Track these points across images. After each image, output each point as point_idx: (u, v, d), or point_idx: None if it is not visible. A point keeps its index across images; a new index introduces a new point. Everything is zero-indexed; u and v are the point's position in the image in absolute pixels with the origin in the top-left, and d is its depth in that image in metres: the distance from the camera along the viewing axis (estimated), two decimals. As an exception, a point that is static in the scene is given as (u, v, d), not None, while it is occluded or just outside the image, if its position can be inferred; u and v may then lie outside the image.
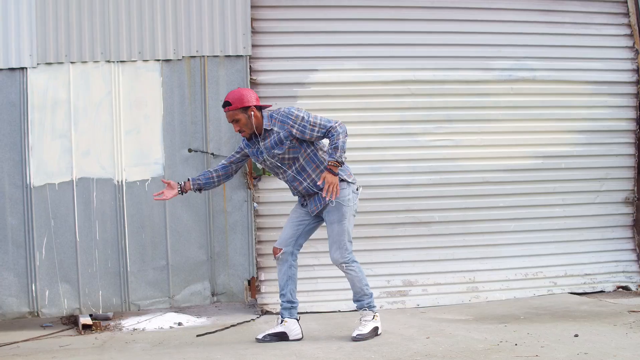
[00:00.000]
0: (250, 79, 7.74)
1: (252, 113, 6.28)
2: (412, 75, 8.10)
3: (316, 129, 6.23)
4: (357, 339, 6.36)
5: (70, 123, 7.46)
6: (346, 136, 6.22)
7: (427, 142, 8.15)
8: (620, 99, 8.54)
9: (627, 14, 8.51)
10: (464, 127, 8.21)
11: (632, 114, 8.58)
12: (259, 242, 7.86)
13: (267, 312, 7.77)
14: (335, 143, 6.17)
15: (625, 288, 8.48)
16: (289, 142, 6.27)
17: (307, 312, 7.76)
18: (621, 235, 8.62)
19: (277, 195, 7.89)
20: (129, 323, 7.56)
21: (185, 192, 6.61)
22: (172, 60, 7.61)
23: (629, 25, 8.52)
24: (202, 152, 7.62)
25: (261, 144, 6.37)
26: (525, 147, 8.33)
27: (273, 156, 6.37)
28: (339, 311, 7.82)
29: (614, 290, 8.44)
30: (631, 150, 8.59)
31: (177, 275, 7.62)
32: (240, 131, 6.34)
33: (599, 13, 8.46)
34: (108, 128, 7.51)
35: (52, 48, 7.42)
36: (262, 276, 7.87)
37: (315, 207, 6.49)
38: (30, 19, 7.38)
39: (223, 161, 6.68)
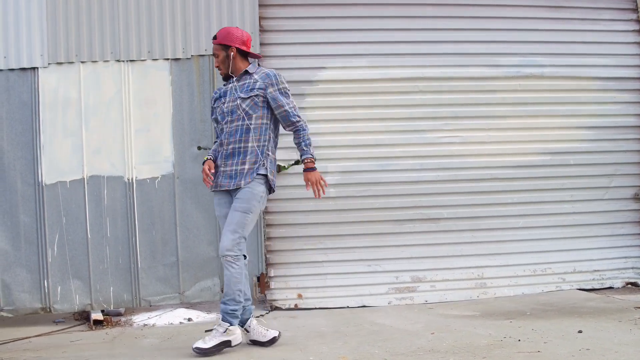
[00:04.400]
0: (259, 77, 7.81)
1: (232, 54, 6.22)
2: (419, 72, 8.13)
3: (290, 105, 6.17)
4: (196, 351, 5.96)
5: (81, 122, 7.56)
6: None
7: (435, 139, 8.18)
8: (628, 94, 8.53)
9: (635, 10, 8.49)
10: (472, 124, 8.23)
11: (640, 109, 8.60)
12: (268, 238, 7.93)
13: (277, 308, 7.85)
14: (309, 139, 6.18)
15: (634, 284, 8.48)
16: (256, 95, 6.14)
17: (315, 308, 7.85)
18: (630, 232, 8.59)
19: (286, 192, 7.95)
20: (139, 319, 7.66)
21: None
22: (181, 59, 7.69)
23: (637, 20, 8.51)
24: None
25: (235, 84, 6.24)
26: (534, 143, 8.34)
27: (234, 99, 6.19)
28: (347, 307, 7.88)
29: (623, 287, 8.46)
30: (640, 146, 8.60)
31: (187, 272, 7.70)
32: (218, 68, 6.30)
33: (607, 9, 8.45)
34: (118, 126, 7.60)
35: (63, 48, 7.52)
36: (272, 272, 7.93)
37: (227, 183, 6.18)
38: (41, 20, 7.49)
39: (215, 140, 6.49)
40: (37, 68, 7.51)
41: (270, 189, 6.25)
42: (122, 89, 7.61)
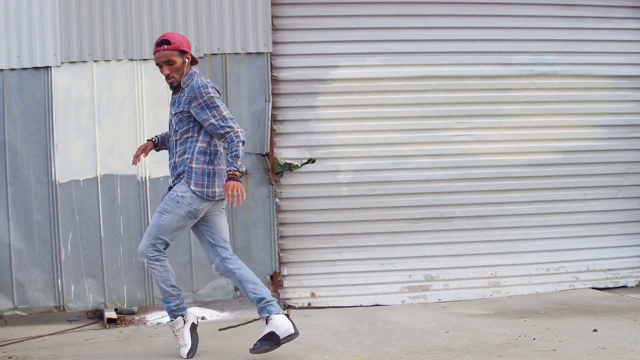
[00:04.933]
0: (272, 75, 7.81)
1: (187, 61, 5.82)
2: (432, 70, 8.13)
3: (216, 118, 5.71)
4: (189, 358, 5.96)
5: (94, 121, 7.57)
6: (244, 144, 5.75)
7: (448, 137, 8.17)
8: (641, 92, 8.52)
9: (648, 7, 8.49)
10: (485, 123, 8.22)
11: (653, 108, 8.55)
12: (281, 237, 7.93)
13: (290, 307, 7.86)
14: (236, 151, 5.65)
15: (648, 283, 8.49)
16: (181, 111, 5.81)
17: (329, 307, 7.87)
18: (644, 230, 8.59)
19: (299, 191, 7.97)
20: (153, 317, 7.68)
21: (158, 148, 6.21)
22: (193, 58, 7.70)
23: (650, 18, 8.51)
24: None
25: (175, 97, 5.94)
26: (546, 142, 8.32)
27: (171, 114, 5.98)
28: (361, 306, 7.89)
29: (637, 285, 8.44)
30: (654, 144, 8.57)
31: (201, 271, 7.70)
32: (168, 77, 5.81)
33: (620, 7, 8.41)
34: (131, 125, 7.61)
35: (76, 47, 7.54)
36: (285, 271, 7.94)
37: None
38: (54, 19, 7.50)
39: None
40: (50, 67, 7.53)
41: (202, 197, 5.81)
42: (135, 88, 7.62)
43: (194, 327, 6.05)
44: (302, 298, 7.92)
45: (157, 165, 7.60)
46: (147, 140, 6.28)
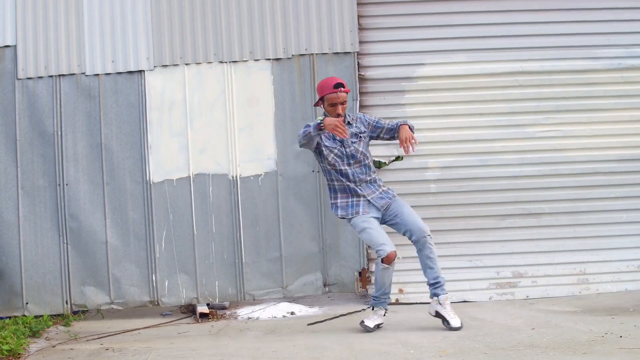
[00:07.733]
0: (359, 74, 7.90)
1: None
2: (519, 66, 8.09)
3: (385, 121, 6.84)
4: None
5: (186, 122, 7.80)
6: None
7: (536, 133, 8.12)
8: None
9: None
10: (573, 118, 8.13)
11: None
12: (369, 234, 8.00)
13: (378, 303, 7.93)
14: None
15: None
16: (364, 135, 6.76)
17: (416, 303, 7.90)
18: None
19: (387, 188, 8.04)
20: (244, 312, 7.87)
21: None
22: (282, 59, 7.84)
23: None
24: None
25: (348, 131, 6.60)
26: (637, 136, 8.16)
27: (350, 144, 6.67)
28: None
29: None
30: None
31: (290, 267, 7.85)
32: (339, 115, 6.59)
33: None
34: (222, 126, 7.81)
35: (168, 51, 7.79)
36: (373, 267, 8.00)
37: (386, 201, 6.79)
38: (147, 25, 7.77)
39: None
40: (144, 71, 7.80)
41: None
42: (226, 90, 7.82)
43: None
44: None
45: (248, 164, 7.79)
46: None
